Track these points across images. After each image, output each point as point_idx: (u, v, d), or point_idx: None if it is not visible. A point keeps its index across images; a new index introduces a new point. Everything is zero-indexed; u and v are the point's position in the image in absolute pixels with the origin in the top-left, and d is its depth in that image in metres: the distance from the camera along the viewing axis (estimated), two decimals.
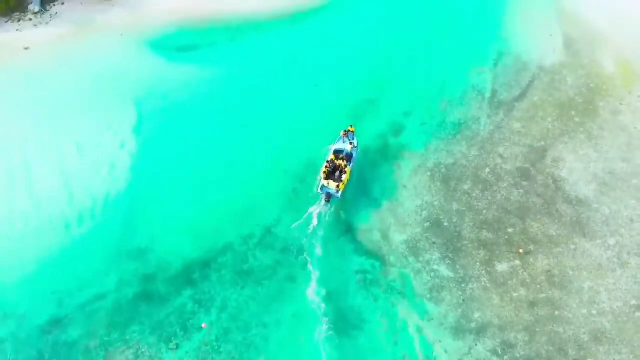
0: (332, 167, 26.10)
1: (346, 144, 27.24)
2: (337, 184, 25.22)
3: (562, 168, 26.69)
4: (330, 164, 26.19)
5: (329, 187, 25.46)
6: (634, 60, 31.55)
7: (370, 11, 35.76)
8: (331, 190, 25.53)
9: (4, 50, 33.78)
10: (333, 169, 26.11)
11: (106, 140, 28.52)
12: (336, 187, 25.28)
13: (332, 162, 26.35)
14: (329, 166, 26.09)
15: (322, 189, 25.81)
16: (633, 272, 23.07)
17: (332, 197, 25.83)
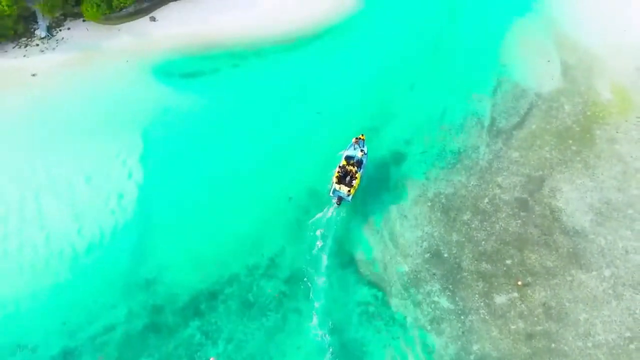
0: (343, 173, 27.69)
1: (357, 151, 28.83)
2: (348, 189, 26.89)
3: (559, 198, 27.38)
4: (342, 170, 27.78)
5: (340, 191, 27.22)
6: (630, 88, 32.18)
7: (372, 38, 36.28)
8: (342, 194, 27.29)
9: (12, 76, 34.43)
10: (344, 174, 27.64)
11: (114, 170, 29.20)
12: (347, 192, 27.02)
13: (343, 167, 27.96)
14: (341, 171, 27.73)
15: (334, 192, 27.52)
16: (627, 304, 23.79)
17: (343, 200, 27.43)
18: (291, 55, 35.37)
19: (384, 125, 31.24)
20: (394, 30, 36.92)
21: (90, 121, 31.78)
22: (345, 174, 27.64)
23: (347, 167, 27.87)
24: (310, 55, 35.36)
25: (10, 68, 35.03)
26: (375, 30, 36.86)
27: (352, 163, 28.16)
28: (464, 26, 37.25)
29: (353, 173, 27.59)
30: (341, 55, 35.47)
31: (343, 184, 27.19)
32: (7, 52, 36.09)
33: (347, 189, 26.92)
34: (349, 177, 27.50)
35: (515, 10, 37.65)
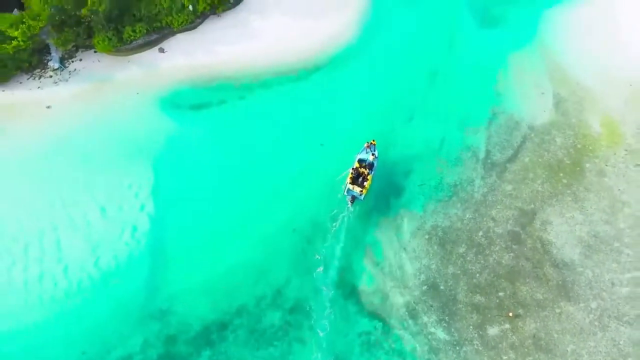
0: (356, 174, 30.34)
1: (369, 155, 31.43)
2: (361, 189, 29.51)
3: (550, 231, 28.92)
4: (355, 171, 30.41)
5: (353, 190, 29.88)
6: (619, 121, 33.63)
7: (370, 69, 37.65)
8: (355, 194, 29.96)
9: (28, 108, 35.94)
10: (357, 175, 30.30)
11: (127, 202, 30.73)
12: (360, 191, 29.65)
13: (356, 169, 30.52)
14: (354, 173, 30.33)
15: (347, 192, 30.18)
16: (612, 335, 25.34)
17: (356, 199, 30.24)
18: (294, 87, 36.79)
19: (384, 157, 32.69)
20: (392, 61, 38.31)
21: (103, 153, 33.31)
22: (358, 175, 30.34)
23: (359, 169, 30.50)
24: (312, 87, 36.77)
25: (26, 100, 36.56)
26: (373, 61, 38.23)
27: (364, 165, 30.81)
28: (461, 56, 38.62)
29: (365, 175, 30.23)
30: (341, 86, 36.84)
31: (356, 184, 29.84)
32: (22, 84, 37.59)
33: (360, 189, 29.61)
34: (361, 178, 30.18)
35: (511, 42, 39.00)
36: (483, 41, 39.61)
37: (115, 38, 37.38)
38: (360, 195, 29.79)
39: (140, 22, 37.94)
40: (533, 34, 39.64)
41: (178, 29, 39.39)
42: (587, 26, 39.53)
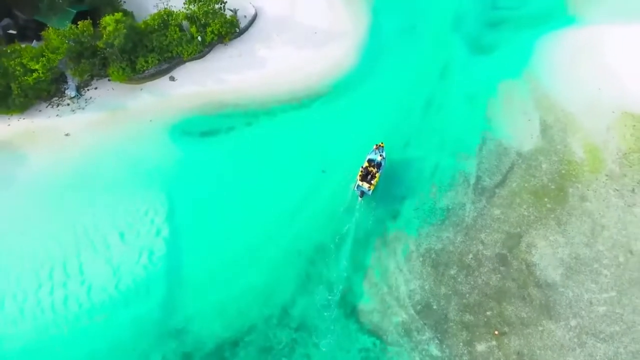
0: (365, 172, 34.00)
1: (377, 155, 35.12)
2: (369, 185, 33.09)
3: (534, 254, 31.36)
4: (364, 170, 34.09)
5: (362, 186, 33.47)
6: (601, 147, 36.05)
7: (368, 99, 40.08)
8: (364, 189, 33.46)
9: (48, 136, 38.44)
10: (366, 173, 33.92)
11: (144, 227, 33.18)
12: (368, 187, 33.20)
13: (366, 168, 34.24)
14: (364, 171, 34.00)
15: (357, 187, 33.78)
16: (589, 351, 27.81)
17: (365, 194, 33.92)
18: (297, 115, 39.27)
19: (383, 181, 35.12)
20: (389, 89, 40.84)
21: (120, 180, 35.78)
22: (367, 173, 33.93)
23: (369, 168, 34.12)
24: (314, 115, 39.24)
25: (46, 127, 39.05)
26: (371, 90, 40.72)
27: (373, 165, 34.45)
28: (453, 84, 41.11)
29: (373, 173, 33.91)
30: (341, 114, 39.29)
31: (365, 181, 33.42)
32: (41, 112, 40.06)
33: (368, 185, 33.18)
34: (370, 176, 33.65)
35: (500, 70, 41.53)
36: (474, 70, 42.09)
37: (129, 68, 39.88)
38: (369, 191, 33.43)
39: (152, 53, 40.46)
40: (521, 62, 42.14)
41: (188, 59, 41.86)
42: (573, 56, 42.01)
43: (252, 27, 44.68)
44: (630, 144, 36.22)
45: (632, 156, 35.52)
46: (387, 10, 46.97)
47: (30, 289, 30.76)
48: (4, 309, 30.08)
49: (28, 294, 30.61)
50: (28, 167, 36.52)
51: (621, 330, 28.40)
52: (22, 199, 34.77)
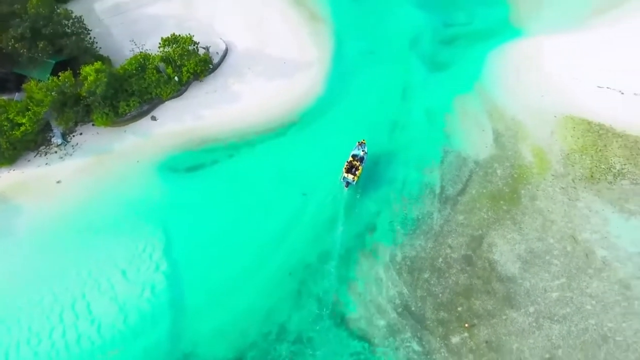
0: (350, 166, 39.22)
1: (360, 151, 40.30)
2: (353, 177, 38.47)
3: (495, 252, 35.76)
4: (349, 163, 39.33)
5: (348, 177, 38.77)
6: (546, 150, 40.84)
7: (338, 123, 43.60)
8: (349, 180, 38.66)
9: (40, 185, 40.44)
10: (351, 167, 39.07)
11: (144, 264, 35.90)
12: (353, 178, 38.48)
13: (350, 162, 39.45)
14: (348, 165, 39.23)
15: (343, 179, 38.94)
16: (546, 332, 32.35)
17: (350, 184, 38.86)
18: (274, 143, 42.51)
19: (358, 200, 38.86)
20: (356, 113, 44.43)
21: (115, 220, 38.28)
22: (351, 166, 39.05)
23: (353, 162, 39.33)
24: (289, 142, 42.56)
25: (37, 177, 41.00)
26: (339, 114, 44.27)
27: (357, 159, 39.60)
28: (414, 103, 45.10)
29: (357, 166, 39.02)
30: (314, 139, 42.69)
31: (350, 173, 38.59)
32: (30, 161, 41.96)
33: (353, 177, 38.48)
34: (354, 169, 38.81)
35: (454, 85, 45.84)
36: (432, 87, 46.30)
37: (112, 113, 42.23)
38: (353, 181, 38.59)
39: (133, 96, 42.90)
40: (473, 76, 46.64)
41: (167, 98, 44.44)
42: (518, 67, 46.82)
43: (224, 62, 47.61)
44: (571, 145, 41.15)
45: (573, 156, 40.43)
46: (349, 36, 50.72)
47: (43, 333, 33.17)
48: (20, 356, 32.43)
49: (42, 338, 33.01)
50: (25, 217, 38.56)
51: (572, 311, 33.09)
52: (23, 249, 36.88)
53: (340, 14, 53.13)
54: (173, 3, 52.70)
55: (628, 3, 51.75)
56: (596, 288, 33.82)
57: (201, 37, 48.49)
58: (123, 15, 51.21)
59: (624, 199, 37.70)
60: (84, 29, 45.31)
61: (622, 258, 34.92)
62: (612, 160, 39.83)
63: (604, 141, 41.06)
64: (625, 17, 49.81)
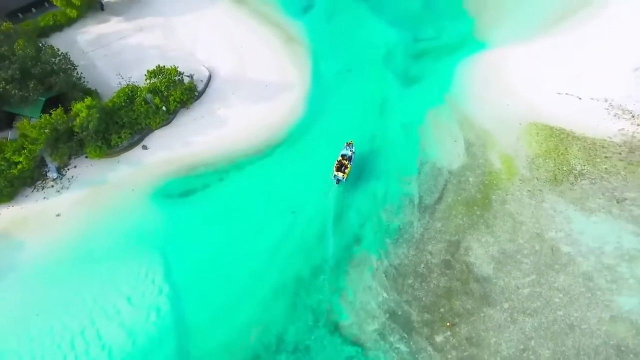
0: (340, 165, 43.32)
1: (349, 151, 44.58)
2: (343, 174, 42.70)
3: (471, 255, 39.09)
4: (339, 163, 43.40)
5: (338, 175, 42.80)
6: (514, 156, 44.34)
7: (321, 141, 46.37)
8: (340, 178, 42.73)
9: (40, 219, 42.30)
10: (340, 165, 43.22)
11: (147, 289, 38.19)
12: (342, 176, 42.65)
13: (340, 161, 43.49)
14: (338, 164, 43.24)
15: (334, 177, 42.99)
16: (520, 326, 35.81)
17: (340, 181, 42.81)
18: (262, 164, 45.09)
19: (344, 214, 41.79)
20: (337, 129, 47.22)
21: (116, 249, 40.43)
22: (341, 165, 43.16)
23: (342, 161, 43.46)
24: (276, 162, 45.18)
25: (36, 211, 42.83)
26: (322, 132, 47.05)
27: (346, 158, 43.73)
28: (391, 118, 48.17)
29: (346, 165, 43.19)
30: (300, 158, 45.38)
31: (340, 171, 42.73)
32: (28, 197, 43.72)
33: (343, 174, 42.68)
34: (344, 167, 42.98)
35: (427, 99, 48.96)
36: (406, 101, 49.42)
37: (104, 146, 44.25)
38: (343, 179, 42.72)
39: (124, 128, 44.94)
40: (444, 89, 49.91)
41: (156, 128, 46.57)
42: (485, 78, 50.26)
43: (209, 88, 49.89)
44: (536, 150, 44.76)
45: (537, 160, 44.04)
46: (326, 56, 53.51)
47: None
48: None
49: None
50: (29, 251, 40.43)
51: (542, 305, 36.61)
52: (30, 282, 38.81)
53: (316, 34, 55.92)
54: (154, 34, 54.72)
55: (583, 10, 55.68)
56: (563, 282, 37.46)
57: (184, 65, 50.68)
58: (106, 47, 53.00)
59: (584, 198, 41.45)
60: (71, 65, 47.09)
61: (584, 253, 38.63)
62: (573, 163, 43.59)
63: (565, 145, 44.82)
64: (580, 24, 53.71)
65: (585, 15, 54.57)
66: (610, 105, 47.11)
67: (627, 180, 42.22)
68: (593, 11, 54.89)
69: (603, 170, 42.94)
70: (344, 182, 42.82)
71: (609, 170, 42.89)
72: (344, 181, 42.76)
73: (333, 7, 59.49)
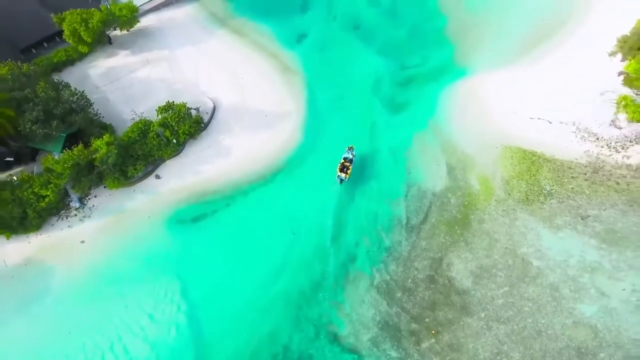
0: (342, 166, 50.22)
1: (349, 154, 51.14)
2: (345, 174, 49.61)
3: (452, 270, 44.27)
4: (342, 165, 50.30)
5: (341, 175, 49.65)
6: (490, 178, 49.42)
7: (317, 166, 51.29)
8: (343, 177, 49.48)
9: (65, 246, 47.01)
10: (343, 167, 49.98)
11: (167, 307, 43.16)
12: (345, 176, 49.52)
13: (342, 163, 50.35)
14: (341, 165, 50.16)
15: (338, 177, 49.83)
16: (495, 332, 41.10)
17: (343, 181, 49.46)
18: (265, 190, 49.98)
19: (340, 235, 46.80)
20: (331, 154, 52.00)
21: (137, 271, 45.29)
22: (343, 167, 50.07)
23: (344, 163, 50.22)
24: (277, 187, 50.10)
25: (62, 239, 47.53)
26: (318, 157, 51.93)
27: (347, 161, 50.40)
28: (380, 143, 53.07)
29: (348, 166, 49.99)
30: (298, 182, 50.29)
31: (343, 172, 49.50)
32: (54, 225, 48.32)
33: (345, 175, 49.55)
34: (345, 168, 49.86)
35: (413, 125, 53.77)
36: (394, 126, 54.34)
37: (121, 177, 48.85)
38: (346, 178, 49.54)
39: (139, 160, 49.50)
40: (428, 114, 54.78)
41: (168, 158, 51.18)
42: (465, 103, 55.16)
43: (214, 119, 54.48)
44: (510, 172, 49.88)
45: (512, 182, 49.17)
46: (319, 84, 58.21)
47: None
48: None
49: None
50: (58, 275, 45.18)
51: (514, 313, 41.89)
52: (61, 304, 43.63)
53: (310, 63, 60.57)
54: (160, 66, 59.15)
55: (555, 35, 60.54)
56: (532, 292, 42.75)
57: (189, 97, 55.22)
58: (117, 81, 57.36)
59: (552, 216, 46.68)
60: (87, 102, 51.46)
61: (552, 266, 43.92)
62: (543, 183, 48.78)
63: (536, 166, 49.96)
64: (551, 50, 58.50)
65: (557, 41, 59.39)
66: (577, 128, 52.27)
67: (590, 198, 47.50)
68: (563, 37, 59.80)
69: (569, 189, 48.18)
70: (346, 181, 49.92)
71: (575, 189, 48.14)
72: (346, 180, 49.81)
73: (325, 36, 64.17)
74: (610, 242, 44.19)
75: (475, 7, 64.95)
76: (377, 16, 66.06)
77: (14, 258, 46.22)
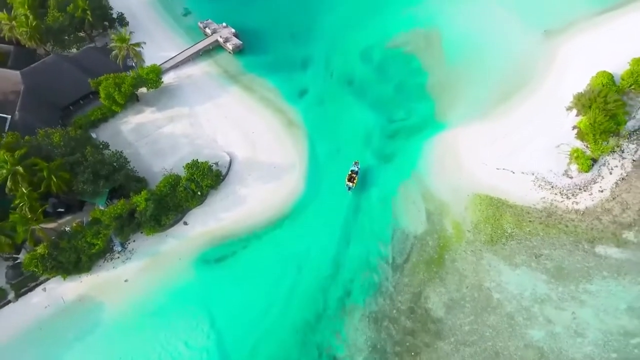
0: (349, 177, 62.55)
1: (356, 167, 63.91)
2: (352, 183, 62.25)
3: (429, 302, 54.49)
4: (349, 175, 62.87)
5: (349, 184, 62.40)
6: (461, 222, 59.56)
7: (319, 212, 61.37)
8: (350, 185, 62.04)
9: (112, 285, 57.08)
10: (350, 177, 62.07)
11: (199, 335, 53.38)
12: (352, 184, 61.90)
13: (350, 175, 62.64)
14: (349, 176, 62.87)
15: (346, 185, 61.96)
16: (461, 354, 51.36)
17: (350, 189, 61.36)
18: (275, 234, 60.12)
19: (338, 272, 56.96)
20: (331, 201, 62.17)
21: (172, 305, 55.40)
22: (350, 177, 62.12)
23: (351, 174, 62.85)
24: (285, 231, 60.25)
25: (109, 278, 57.60)
26: (319, 204, 62.11)
27: (354, 172, 63.01)
28: (371, 191, 63.19)
29: (354, 177, 62.57)
30: (302, 226, 60.37)
31: (350, 182, 62.01)
32: (101, 266, 58.40)
33: (352, 184, 62.04)
34: (352, 178, 61.96)
35: (398, 174, 63.94)
36: (382, 176, 64.56)
37: (156, 225, 58.79)
38: (353, 186, 61.85)
39: (170, 211, 59.44)
40: (411, 165, 64.95)
41: (193, 207, 61.18)
42: (441, 155, 65.27)
43: (230, 171, 64.42)
44: (478, 216, 60.03)
45: (479, 225, 59.35)
46: (319, 137, 68.44)
47: None
48: None
49: None
50: (107, 310, 55.27)
51: (478, 338, 52.20)
52: (111, 335, 53.74)
53: (310, 117, 70.77)
54: (181, 123, 69.11)
55: (520, 92, 70.58)
56: (493, 320, 53.02)
57: (209, 151, 65.18)
58: (147, 137, 67.18)
59: (512, 255, 56.90)
60: (125, 160, 61.25)
61: (509, 298, 54.20)
62: (505, 226, 58.98)
63: (500, 212, 60.14)
64: (515, 107, 68.74)
65: (521, 98, 69.46)
66: (536, 178, 62.46)
67: (544, 239, 57.77)
68: (527, 94, 69.89)
69: (527, 232, 58.44)
70: (354, 189, 62.53)
71: (531, 231, 58.40)
72: (354, 188, 62.36)
73: (323, 91, 74.30)
74: (558, 277, 54.62)
75: (453, 65, 74.96)
76: (369, 72, 76.14)
77: (70, 295, 56.30)
